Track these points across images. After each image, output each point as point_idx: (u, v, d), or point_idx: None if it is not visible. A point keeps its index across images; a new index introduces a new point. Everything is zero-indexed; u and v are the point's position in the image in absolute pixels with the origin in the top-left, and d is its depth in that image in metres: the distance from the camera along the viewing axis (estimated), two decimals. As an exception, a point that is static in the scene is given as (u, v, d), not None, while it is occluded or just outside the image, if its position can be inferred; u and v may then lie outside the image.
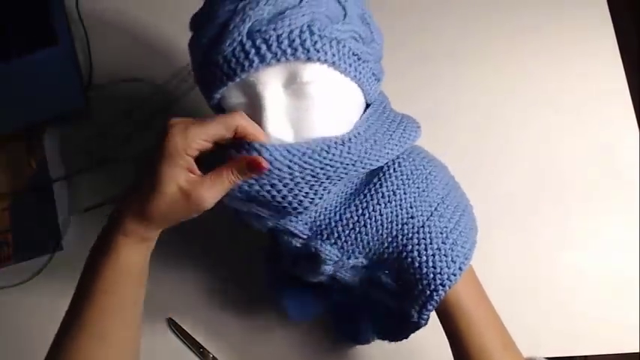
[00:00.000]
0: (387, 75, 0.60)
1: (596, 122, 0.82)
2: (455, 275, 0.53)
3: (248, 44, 0.49)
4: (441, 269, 0.53)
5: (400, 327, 0.59)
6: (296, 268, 0.60)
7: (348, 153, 0.53)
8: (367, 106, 0.58)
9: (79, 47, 0.89)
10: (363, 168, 0.54)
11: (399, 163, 0.57)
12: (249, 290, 0.76)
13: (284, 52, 0.49)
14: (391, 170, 0.56)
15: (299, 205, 0.52)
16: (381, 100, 0.60)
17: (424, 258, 0.54)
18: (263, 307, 0.76)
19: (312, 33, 0.49)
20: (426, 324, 0.56)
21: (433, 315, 0.56)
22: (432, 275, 0.53)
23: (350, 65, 0.52)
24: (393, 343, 0.63)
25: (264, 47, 0.48)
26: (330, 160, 0.52)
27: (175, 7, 0.89)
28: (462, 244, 0.55)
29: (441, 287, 0.53)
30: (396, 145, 0.57)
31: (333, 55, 0.50)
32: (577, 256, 0.76)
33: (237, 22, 0.49)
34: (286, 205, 0.53)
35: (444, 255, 0.53)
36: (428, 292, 0.53)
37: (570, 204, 0.78)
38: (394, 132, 0.57)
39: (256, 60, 0.49)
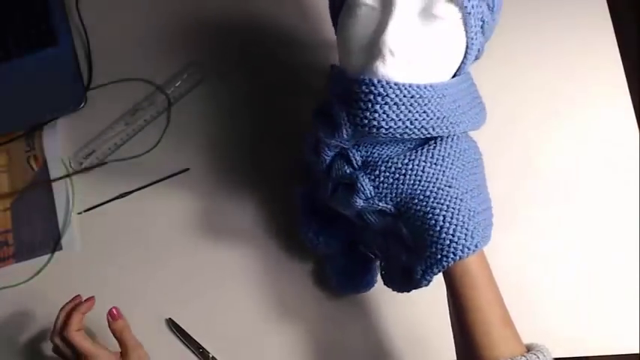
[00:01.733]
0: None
1: (596, 122, 0.81)
2: (469, 249, 0.55)
3: None
4: (459, 239, 0.55)
5: (404, 280, 0.61)
6: (333, 197, 0.63)
7: (439, 107, 0.56)
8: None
9: (79, 47, 0.88)
10: (438, 128, 0.56)
11: (457, 137, 0.60)
12: (250, 290, 0.76)
13: None
14: (448, 139, 0.59)
15: (378, 126, 0.54)
16: (470, 74, 0.64)
17: (447, 225, 0.56)
18: (263, 307, 0.76)
19: None
20: (427, 285, 0.58)
21: (436, 297, 0.58)
22: (448, 242, 0.55)
23: (473, 26, 0.55)
24: (395, 291, 0.64)
25: None
26: (425, 109, 0.55)
27: (175, 7, 0.90)
28: (484, 228, 0.58)
29: (452, 255, 0.55)
30: (471, 120, 0.60)
31: (472, 7, 0.54)
32: (577, 256, 0.76)
33: None
34: (372, 120, 0.54)
35: (466, 229, 0.56)
36: (439, 255, 0.55)
37: (570, 204, 0.78)
38: (474, 107, 0.62)
39: None
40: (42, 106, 0.85)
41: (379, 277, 0.70)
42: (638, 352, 0.72)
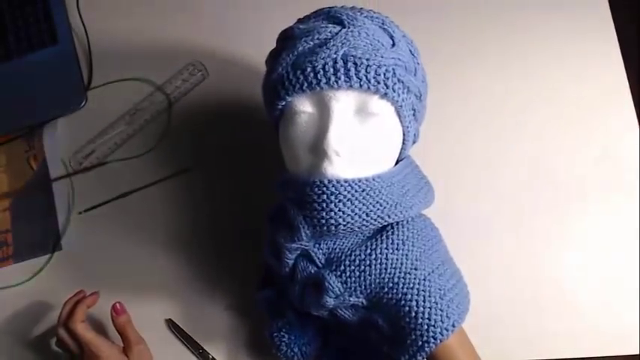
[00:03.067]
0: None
1: (596, 122, 0.81)
2: (447, 330, 0.56)
3: (340, 63, 0.54)
4: (435, 322, 0.56)
5: None
6: (302, 300, 0.63)
7: (390, 195, 0.58)
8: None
9: (79, 47, 0.88)
10: (393, 215, 0.58)
11: (412, 219, 0.62)
12: (249, 291, 0.76)
13: (368, 81, 0.55)
14: (404, 222, 0.61)
15: (336, 223, 0.56)
16: (410, 158, 0.67)
17: (421, 309, 0.56)
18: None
19: (394, 74, 0.56)
20: None
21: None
22: (426, 327, 0.56)
23: (407, 116, 0.59)
24: None
25: (353, 70, 0.54)
26: (377, 199, 0.57)
27: (175, 8, 0.90)
28: (457, 304, 0.58)
29: (432, 340, 0.56)
30: (421, 202, 0.62)
31: (403, 100, 0.57)
32: (577, 256, 0.76)
33: (337, 43, 0.55)
34: (329, 219, 0.56)
35: (440, 310, 0.57)
36: (420, 342, 0.56)
37: (570, 204, 0.78)
38: (422, 188, 0.64)
39: (343, 78, 0.54)
40: (42, 106, 0.85)
41: None
42: (638, 352, 0.72)
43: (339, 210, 0.55)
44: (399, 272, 0.58)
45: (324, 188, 0.55)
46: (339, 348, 0.71)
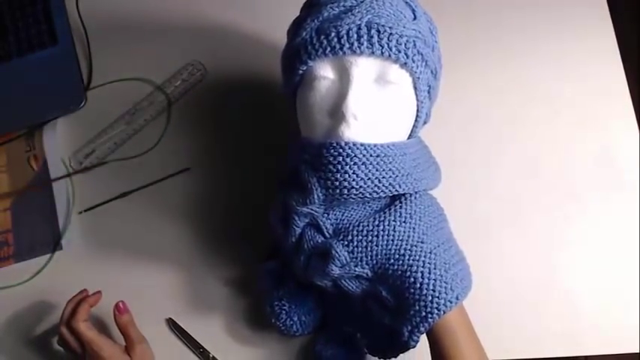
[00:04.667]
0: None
1: (595, 122, 0.81)
2: (451, 302, 0.57)
3: (364, 29, 0.56)
4: (440, 294, 0.57)
5: (390, 345, 0.62)
6: (307, 269, 0.63)
7: (402, 164, 0.59)
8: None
9: (79, 47, 0.88)
10: (404, 185, 0.60)
11: (420, 195, 0.63)
12: (249, 290, 0.76)
13: (390, 48, 0.56)
14: (412, 198, 0.62)
15: (349, 187, 0.57)
16: (421, 138, 0.68)
17: (426, 280, 0.57)
18: (263, 307, 0.76)
19: (414, 46, 0.57)
20: (414, 346, 0.58)
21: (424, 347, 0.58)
22: (430, 297, 0.57)
23: (422, 90, 0.60)
24: None
25: (376, 38, 0.56)
26: (390, 167, 0.58)
27: (175, 7, 0.90)
28: (462, 279, 0.60)
29: (436, 311, 0.56)
30: (431, 177, 0.64)
31: (420, 72, 0.59)
32: (577, 256, 0.76)
33: (362, 10, 0.57)
34: (343, 182, 0.57)
35: (445, 282, 0.57)
36: (423, 313, 0.57)
37: (570, 204, 0.78)
38: (431, 166, 0.66)
39: (365, 45, 0.56)
40: (42, 106, 0.85)
41: None
42: (638, 351, 0.72)
43: (354, 173, 0.56)
44: (406, 244, 0.59)
45: (340, 150, 0.56)
46: (338, 322, 0.71)
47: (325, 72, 0.58)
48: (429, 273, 0.57)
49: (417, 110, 0.62)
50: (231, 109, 0.84)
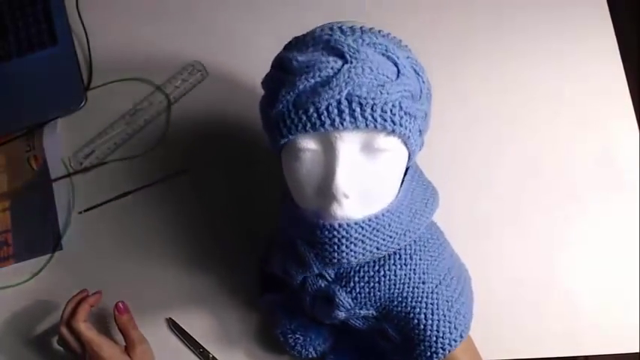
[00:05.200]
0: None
1: (595, 122, 0.81)
2: (455, 341, 0.58)
3: (344, 104, 0.51)
4: (444, 334, 0.58)
5: None
6: (313, 308, 0.64)
7: (400, 224, 0.58)
8: None
9: (79, 47, 0.88)
10: (403, 242, 0.59)
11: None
12: (249, 290, 0.76)
13: (374, 119, 0.51)
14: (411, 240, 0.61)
15: (347, 261, 0.56)
16: (414, 166, 0.65)
17: (430, 322, 0.58)
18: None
19: (400, 109, 0.53)
20: None
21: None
22: (434, 338, 0.58)
23: (415, 141, 0.56)
24: None
25: (358, 111, 0.51)
26: (388, 233, 0.57)
27: (175, 7, 0.90)
28: (464, 314, 0.60)
29: (441, 350, 0.58)
30: (429, 214, 0.62)
31: (410, 131, 0.54)
32: (577, 256, 0.76)
33: (340, 82, 0.51)
34: (341, 259, 0.56)
35: (448, 322, 0.59)
36: (429, 353, 0.58)
37: (570, 204, 0.78)
38: (427, 202, 0.63)
39: (348, 119, 0.51)
40: (42, 106, 0.85)
41: None
42: (638, 351, 0.72)
43: (351, 250, 0.55)
44: (408, 287, 0.60)
45: (335, 232, 0.54)
46: (351, 346, 0.71)
47: (308, 144, 0.53)
48: (432, 314, 0.59)
49: (410, 156, 0.58)
50: (231, 109, 0.84)
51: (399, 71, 0.54)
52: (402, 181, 0.60)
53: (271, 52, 0.83)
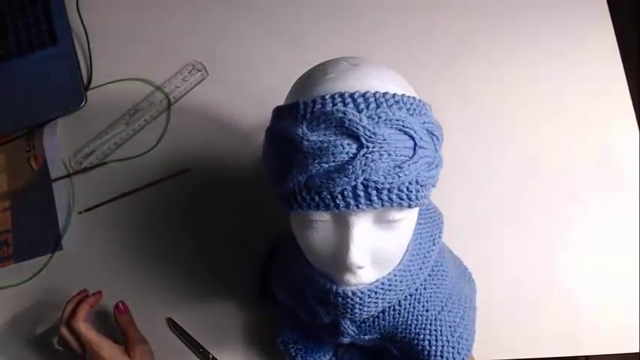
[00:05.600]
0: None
1: (595, 122, 0.81)
2: None
3: (360, 188, 0.49)
4: (447, 359, 0.60)
5: None
6: (319, 332, 0.66)
7: (410, 277, 0.58)
8: None
9: (79, 47, 0.88)
10: (412, 289, 0.60)
11: None
12: (250, 290, 0.76)
13: (391, 200, 0.49)
14: None
15: (360, 319, 0.60)
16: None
17: (434, 348, 0.60)
18: (263, 307, 0.76)
19: (417, 183, 0.51)
20: None
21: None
22: None
23: (425, 201, 0.54)
24: None
25: (374, 194, 0.49)
26: (400, 288, 0.57)
27: (176, 7, 0.90)
28: (466, 337, 0.62)
29: None
30: (435, 248, 0.62)
31: (425, 197, 0.52)
32: (577, 256, 0.76)
33: (357, 169, 0.48)
34: (354, 319, 0.59)
35: (452, 347, 0.60)
36: None
37: (570, 204, 0.78)
38: (434, 235, 0.63)
39: (363, 202, 0.49)
40: (42, 106, 0.85)
41: None
42: (638, 351, 0.72)
43: (364, 312, 0.55)
44: (412, 315, 0.61)
45: (349, 299, 0.54)
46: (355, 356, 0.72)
47: (321, 217, 0.51)
48: (436, 340, 0.60)
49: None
50: (231, 109, 0.84)
51: (415, 144, 0.51)
52: None
53: (271, 51, 0.83)
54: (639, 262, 0.75)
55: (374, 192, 0.49)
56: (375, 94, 0.50)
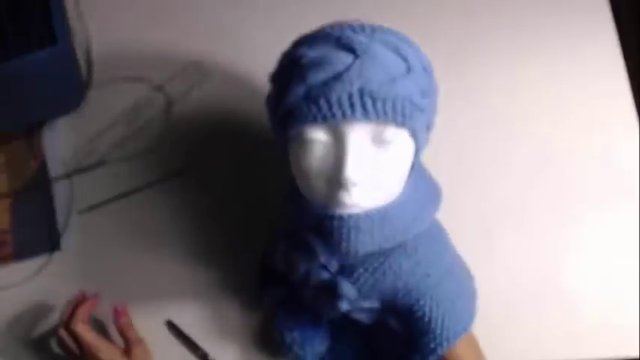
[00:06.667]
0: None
1: (597, 123, 0.81)
2: (459, 334, 0.60)
3: (356, 97, 0.52)
4: (448, 328, 0.59)
5: None
6: (316, 302, 0.64)
7: (406, 216, 0.59)
8: None
9: (79, 47, 0.88)
10: (410, 234, 0.60)
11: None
12: (249, 292, 0.76)
13: (385, 113, 0.52)
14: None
15: (356, 251, 0.57)
16: (418, 162, 0.65)
17: (434, 314, 0.59)
18: (262, 309, 0.76)
19: (410, 103, 0.54)
20: None
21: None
22: (439, 331, 0.59)
23: (422, 136, 0.58)
24: None
25: (369, 104, 0.52)
26: (395, 225, 0.58)
27: (175, 7, 0.89)
28: (468, 307, 0.62)
29: (445, 343, 0.59)
30: (434, 209, 0.64)
31: (418, 125, 0.55)
32: (577, 257, 0.76)
33: (352, 76, 0.52)
34: (349, 250, 0.56)
35: (453, 315, 0.60)
36: (432, 345, 0.59)
37: (571, 205, 0.78)
38: (431, 196, 0.65)
39: (359, 111, 0.52)
40: (42, 106, 0.85)
41: None
42: (638, 356, 0.72)
43: (359, 240, 0.55)
44: (412, 279, 0.60)
45: (344, 222, 0.55)
46: (350, 346, 0.72)
47: (318, 135, 0.54)
48: (437, 307, 0.60)
49: (417, 150, 0.59)
50: (231, 109, 0.84)
51: (409, 68, 0.55)
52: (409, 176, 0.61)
53: (272, 51, 0.83)
54: (639, 263, 0.75)
55: (369, 101, 0.52)
56: (371, 25, 0.56)
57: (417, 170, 0.63)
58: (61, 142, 0.85)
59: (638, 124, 0.81)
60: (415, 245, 0.61)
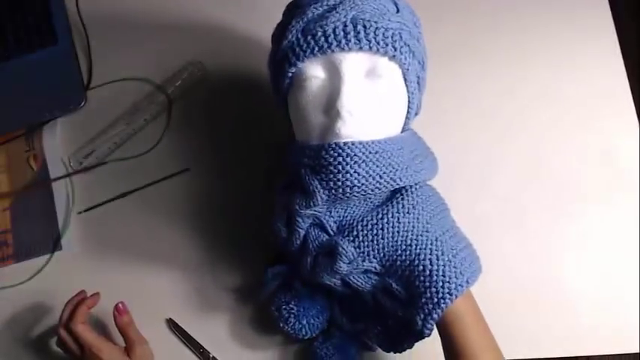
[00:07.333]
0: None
1: (597, 122, 0.81)
2: (462, 286, 0.58)
3: (350, 26, 0.57)
4: (450, 279, 0.58)
5: (405, 336, 0.63)
6: (314, 270, 0.63)
7: (401, 158, 0.60)
8: None
9: (79, 47, 0.88)
10: (404, 178, 0.60)
11: (420, 185, 0.63)
12: (250, 290, 0.76)
13: (377, 42, 0.57)
14: (413, 189, 0.62)
15: (351, 185, 0.57)
16: (414, 130, 0.68)
17: (435, 267, 0.58)
18: (263, 307, 0.76)
19: (400, 38, 0.58)
20: (429, 334, 0.59)
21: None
22: (441, 283, 0.58)
23: (412, 81, 0.61)
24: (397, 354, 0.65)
25: (362, 33, 0.56)
26: (390, 162, 0.59)
27: (175, 7, 0.90)
28: (470, 263, 0.60)
29: (448, 295, 0.57)
30: (429, 168, 0.65)
31: (409, 64, 0.59)
32: (577, 256, 0.76)
33: (346, 7, 0.57)
34: (345, 181, 0.57)
35: (454, 267, 0.58)
36: (435, 299, 0.57)
37: (571, 204, 0.78)
38: (428, 156, 0.67)
39: (353, 40, 0.56)
40: (42, 106, 0.85)
41: None
42: (638, 351, 0.72)
43: (355, 172, 0.57)
44: (412, 234, 0.60)
45: (340, 150, 0.57)
46: (347, 321, 0.71)
47: (315, 71, 0.58)
48: (437, 259, 0.58)
49: (409, 102, 0.62)
50: (231, 108, 0.84)
51: (398, 9, 0.60)
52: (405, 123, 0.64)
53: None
54: (639, 262, 0.75)
55: (362, 30, 0.56)
56: None
57: (413, 134, 0.67)
58: (61, 142, 0.85)
59: (637, 122, 0.81)
60: (413, 203, 0.61)
